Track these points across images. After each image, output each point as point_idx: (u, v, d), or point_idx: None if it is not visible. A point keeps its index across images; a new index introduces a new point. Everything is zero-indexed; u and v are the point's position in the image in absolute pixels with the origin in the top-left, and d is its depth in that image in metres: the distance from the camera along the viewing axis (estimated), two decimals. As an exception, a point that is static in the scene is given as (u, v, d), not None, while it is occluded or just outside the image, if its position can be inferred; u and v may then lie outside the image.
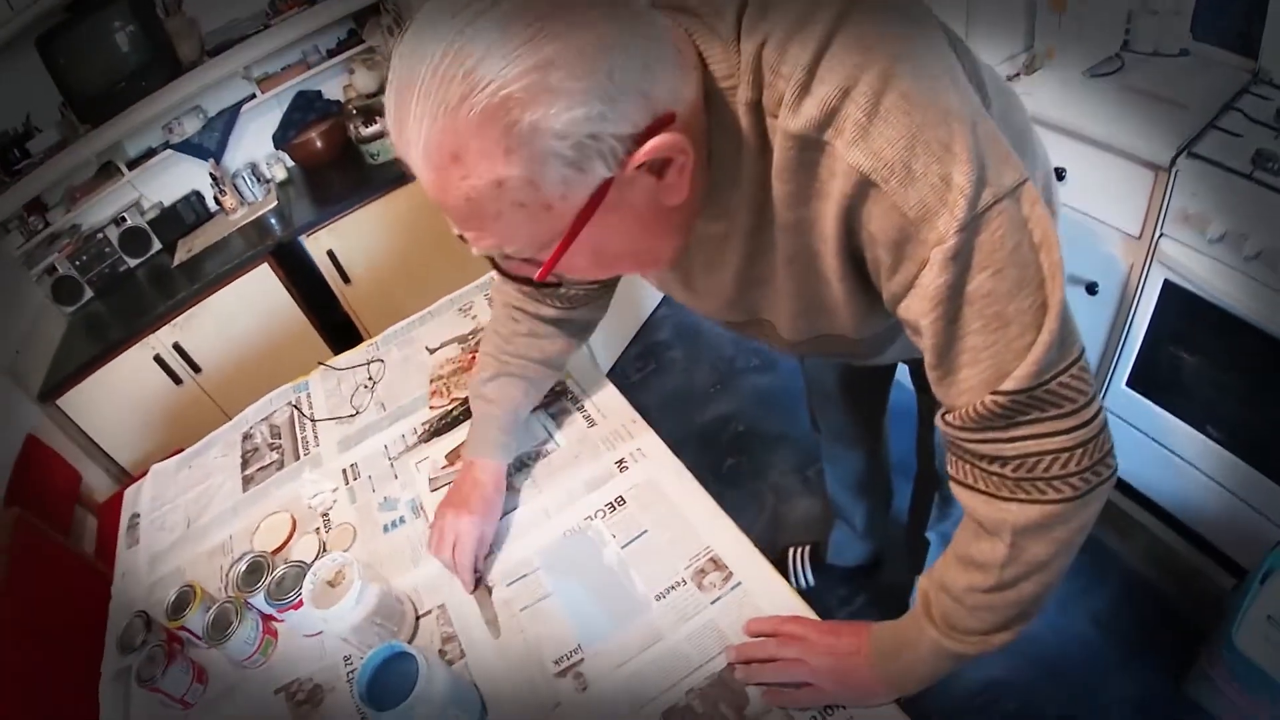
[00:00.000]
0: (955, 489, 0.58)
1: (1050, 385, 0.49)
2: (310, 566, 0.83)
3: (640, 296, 2.35)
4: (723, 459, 1.91)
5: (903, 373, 0.98)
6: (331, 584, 0.81)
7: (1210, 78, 1.27)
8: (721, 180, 0.53)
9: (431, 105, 0.40)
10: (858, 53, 0.46)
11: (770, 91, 0.48)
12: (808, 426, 1.34)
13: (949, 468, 0.58)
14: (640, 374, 2.24)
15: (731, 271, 0.60)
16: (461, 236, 0.48)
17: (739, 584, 0.79)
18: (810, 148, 0.47)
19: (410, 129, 0.42)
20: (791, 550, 1.56)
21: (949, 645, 0.60)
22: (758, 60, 0.47)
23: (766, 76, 0.47)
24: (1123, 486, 1.53)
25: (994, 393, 0.49)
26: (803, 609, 0.75)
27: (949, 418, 0.53)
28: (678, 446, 0.94)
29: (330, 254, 2.17)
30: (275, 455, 1.16)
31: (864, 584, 1.53)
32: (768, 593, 0.77)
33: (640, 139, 0.44)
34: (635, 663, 0.75)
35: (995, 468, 0.53)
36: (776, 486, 1.81)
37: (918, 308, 0.49)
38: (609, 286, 0.87)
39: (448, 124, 0.40)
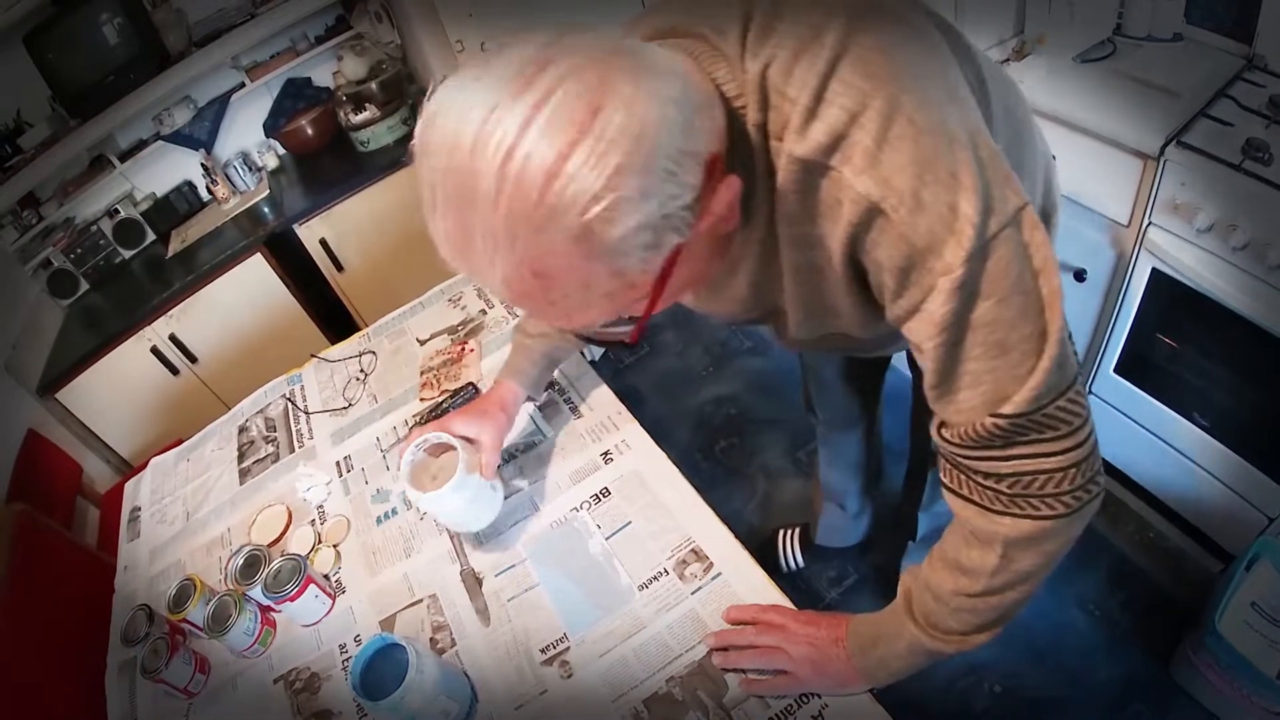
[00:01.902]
0: (948, 496, 0.58)
1: (1049, 409, 0.49)
2: (412, 453, 0.85)
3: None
4: (715, 441, 1.91)
5: (899, 357, 0.98)
6: (432, 457, 0.85)
7: (1203, 64, 1.25)
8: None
9: (506, 231, 0.39)
10: (864, 77, 0.45)
11: (775, 114, 0.47)
12: (800, 409, 1.35)
13: (943, 475, 0.58)
14: (634, 356, 2.24)
15: (746, 274, 0.60)
16: None
17: (719, 574, 0.80)
18: (815, 172, 0.47)
19: (480, 252, 0.41)
20: (782, 532, 1.58)
21: (928, 643, 0.62)
22: (763, 81, 0.47)
23: (772, 99, 0.47)
24: (1112, 471, 1.54)
25: (993, 415, 0.50)
26: (782, 599, 0.77)
27: (946, 434, 0.54)
28: (670, 428, 0.95)
29: (323, 242, 2.17)
30: (270, 448, 1.18)
31: (854, 565, 1.54)
32: (748, 584, 0.79)
33: (702, 196, 0.44)
34: (618, 651, 0.77)
35: (990, 483, 0.54)
36: (768, 468, 1.82)
37: (922, 331, 0.49)
38: None
39: (526, 251, 0.40)
